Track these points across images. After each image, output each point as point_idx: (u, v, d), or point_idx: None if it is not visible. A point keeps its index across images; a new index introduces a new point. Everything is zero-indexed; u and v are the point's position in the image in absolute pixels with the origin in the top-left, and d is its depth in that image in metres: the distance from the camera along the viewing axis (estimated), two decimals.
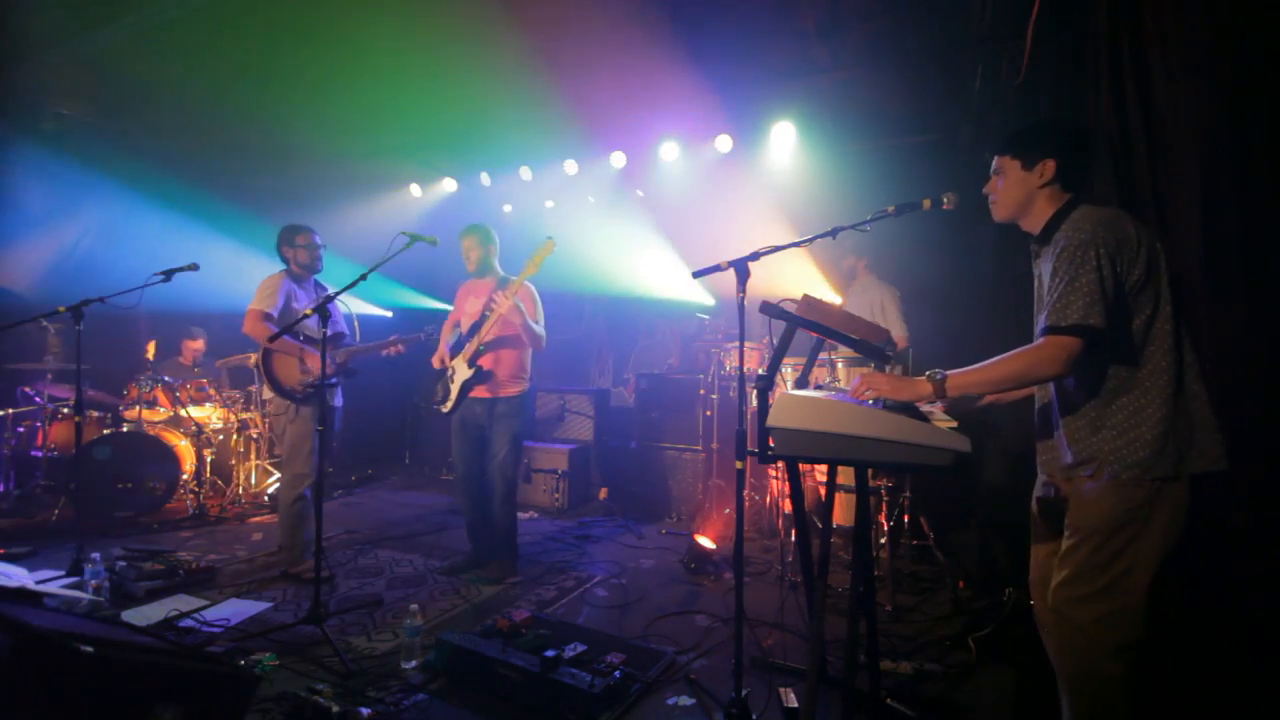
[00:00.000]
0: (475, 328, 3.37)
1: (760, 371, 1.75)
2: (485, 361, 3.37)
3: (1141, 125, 2.13)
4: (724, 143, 5.02)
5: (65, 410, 4.50)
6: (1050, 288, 1.55)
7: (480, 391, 3.39)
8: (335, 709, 1.98)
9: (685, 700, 2.24)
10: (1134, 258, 1.51)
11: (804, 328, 1.81)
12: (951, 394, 1.59)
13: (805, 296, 1.86)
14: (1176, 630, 1.87)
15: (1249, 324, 1.91)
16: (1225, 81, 1.93)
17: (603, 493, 5.25)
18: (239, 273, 5.46)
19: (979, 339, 3.66)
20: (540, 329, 3.38)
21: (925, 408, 1.74)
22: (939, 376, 1.60)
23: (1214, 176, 1.97)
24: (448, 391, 3.47)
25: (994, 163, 1.75)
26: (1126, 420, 1.53)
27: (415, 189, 6.27)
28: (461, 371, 3.39)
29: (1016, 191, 1.69)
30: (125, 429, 4.53)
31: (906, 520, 3.32)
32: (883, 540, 3.17)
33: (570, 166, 5.60)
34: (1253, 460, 1.83)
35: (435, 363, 3.53)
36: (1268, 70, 1.86)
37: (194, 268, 3.38)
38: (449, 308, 3.70)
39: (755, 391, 1.73)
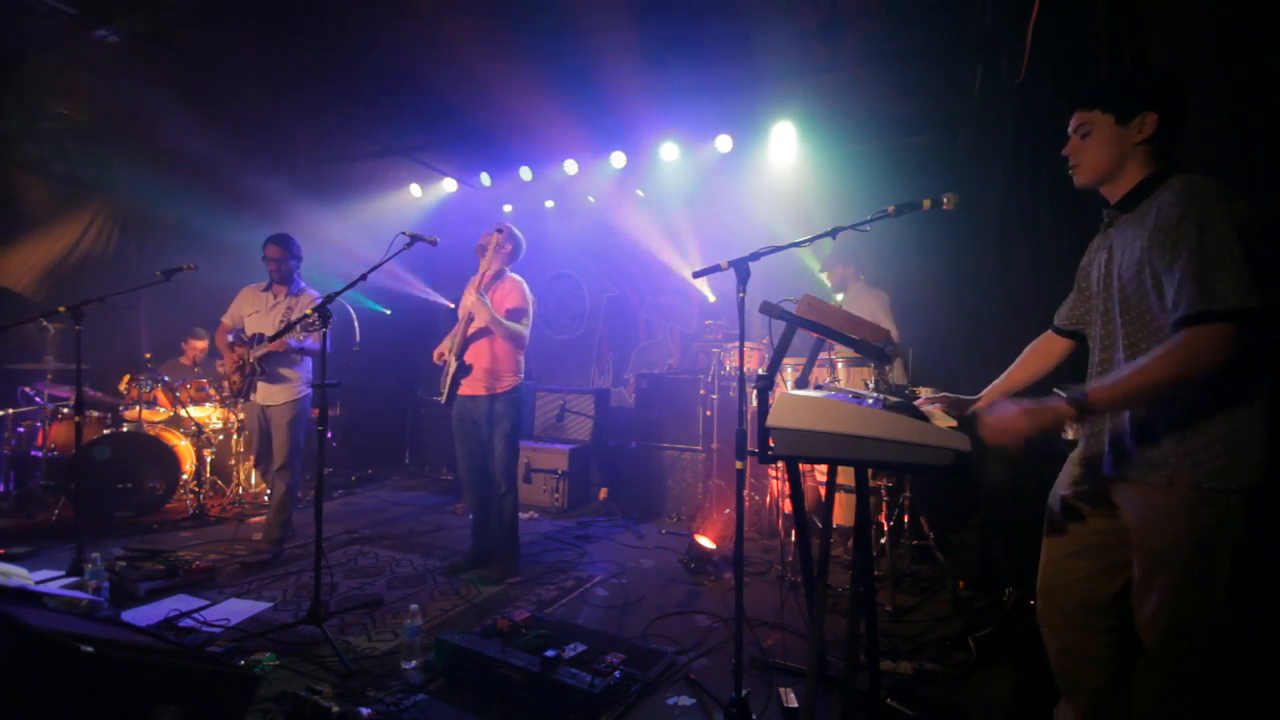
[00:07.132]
0: (465, 320, 3.40)
1: (760, 371, 1.75)
2: (468, 355, 3.40)
3: None
4: (724, 142, 5.01)
5: (65, 410, 4.50)
6: (1164, 265, 1.32)
7: (472, 388, 3.41)
8: (335, 709, 1.98)
9: (685, 700, 2.24)
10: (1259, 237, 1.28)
11: (804, 328, 1.81)
12: (1097, 411, 1.38)
13: (806, 296, 1.86)
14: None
15: None
16: (1227, 80, 1.93)
17: (603, 493, 5.25)
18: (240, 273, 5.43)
19: (975, 339, 3.66)
20: (514, 325, 3.33)
21: (925, 408, 1.74)
22: (1079, 396, 1.35)
23: (1213, 177, 1.96)
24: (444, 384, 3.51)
25: (1075, 120, 1.53)
26: (1223, 420, 1.32)
27: (415, 189, 6.26)
28: (452, 364, 3.42)
29: (1108, 150, 1.47)
30: (125, 429, 4.52)
31: (906, 520, 3.32)
32: (883, 540, 3.17)
33: (570, 166, 5.59)
34: None
35: (435, 357, 3.55)
36: (1270, 69, 1.85)
37: (193, 268, 3.39)
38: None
39: (755, 391, 1.73)
